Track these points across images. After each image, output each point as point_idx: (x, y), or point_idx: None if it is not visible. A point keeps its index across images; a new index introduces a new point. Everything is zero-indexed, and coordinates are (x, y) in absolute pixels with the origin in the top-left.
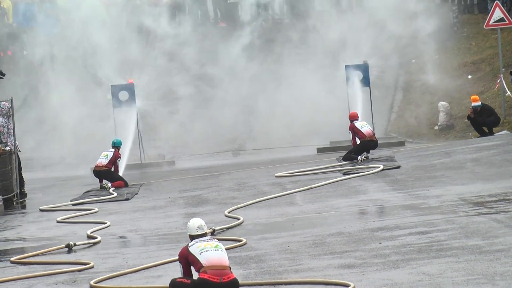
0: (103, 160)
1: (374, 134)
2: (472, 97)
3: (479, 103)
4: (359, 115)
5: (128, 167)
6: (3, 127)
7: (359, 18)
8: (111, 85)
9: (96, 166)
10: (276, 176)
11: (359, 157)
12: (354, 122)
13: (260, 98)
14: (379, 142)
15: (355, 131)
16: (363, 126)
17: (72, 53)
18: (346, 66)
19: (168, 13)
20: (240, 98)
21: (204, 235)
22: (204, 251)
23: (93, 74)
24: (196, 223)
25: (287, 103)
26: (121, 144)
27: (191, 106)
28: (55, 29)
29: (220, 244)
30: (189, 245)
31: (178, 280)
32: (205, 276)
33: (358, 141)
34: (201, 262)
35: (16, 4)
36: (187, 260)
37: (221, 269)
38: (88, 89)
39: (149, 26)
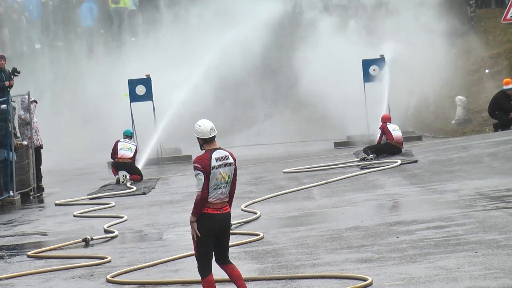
0: (127, 152)
1: (402, 142)
2: (505, 80)
3: (511, 86)
4: (390, 117)
5: (146, 161)
6: (24, 120)
7: (377, 12)
8: (128, 80)
9: (120, 158)
10: (284, 172)
11: (371, 155)
12: (387, 123)
13: (278, 90)
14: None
15: (385, 131)
16: (395, 129)
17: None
18: (363, 60)
19: None
20: (257, 91)
21: (214, 138)
22: (218, 187)
23: None
24: (209, 125)
25: (305, 96)
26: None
27: (207, 99)
28: None
29: (231, 176)
30: (212, 165)
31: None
32: (208, 211)
33: (383, 141)
34: (210, 196)
35: None
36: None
37: (222, 206)
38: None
39: None
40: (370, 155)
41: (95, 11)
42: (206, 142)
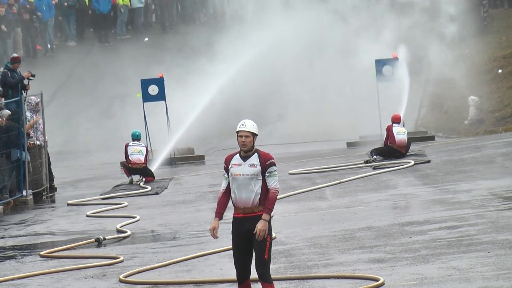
0: (140, 156)
1: (405, 146)
2: None
3: None
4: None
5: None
6: (30, 121)
7: (389, 12)
8: (141, 80)
9: (134, 163)
10: (289, 173)
11: (375, 156)
12: (393, 124)
13: (291, 91)
14: (408, 137)
15: (389, 133)
16: (399, 133)
17: None
18: (376, 60)
19: None
20: (271, 92)
21: None
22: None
23: None
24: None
25: (319, 96)
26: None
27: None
28: None
29: None
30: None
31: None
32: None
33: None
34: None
35: None
36: None
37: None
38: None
39: None
40: (374, 156)
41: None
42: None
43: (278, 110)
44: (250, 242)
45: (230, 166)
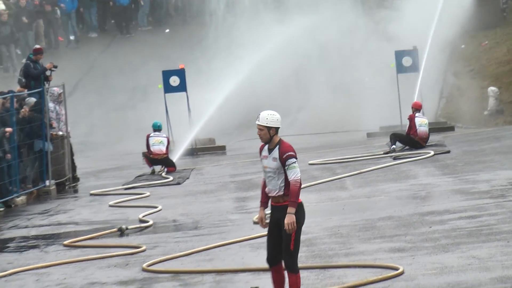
0: (160, 146)
1: (426, 138)
2: None
3: None
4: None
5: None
6: (52, 112)
7: (410, 4)
8: (163, 71)
9: (155, 154)
10: (309, 164)
11: (393, 146)
12: (416, 113)
13: (312, 81)
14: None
15: (411, 124)
16: (422, 124)
17: None
18: (396, 52)
19: None
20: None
21: None
22: None
23: None
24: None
25: (339, 87)
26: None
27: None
28: None
29: None
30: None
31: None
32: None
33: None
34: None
35: None
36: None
37: None
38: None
39: None
40: (393, 146)
41: None
42: (277, 132)
43: (299, 101)
44: (280, 230)
45: (261, 157)
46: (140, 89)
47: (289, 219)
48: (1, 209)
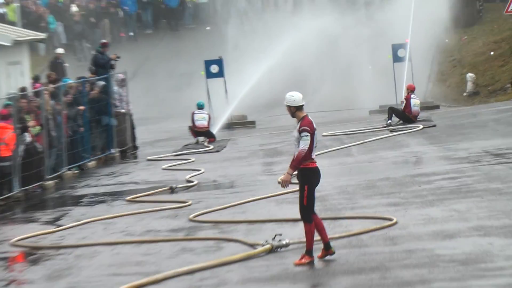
0: (203, 122)
1: (417, 116)
2: None
3: None
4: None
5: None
6: (116, 93)
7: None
8: (205, 60)
9: (199, 128)
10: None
11: (389, 121)
12: (411, 94)
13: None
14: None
15: (407, 103)
16: (415, 105)
17: None
18: (393, 45)
19: None
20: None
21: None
22: (315, 147)
23: None
24: (301, 95)
25: (347, 73)
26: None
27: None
28: None
29: None
30: (315, 128)
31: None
32: (314, 165)
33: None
34: (313, 154)
35: None
36: (313, 136)
37: None
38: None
39: None
40: (389, 121)
41: None
42: (299, 110)
43: (314, 84)
44: None
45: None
46: (187, 75)
47: (284, 177)
48: (76, 171)
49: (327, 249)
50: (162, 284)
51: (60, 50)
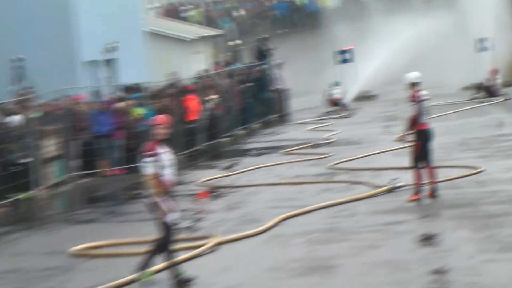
0: (339, 95)
1: (499, 91)
2: None
3: None
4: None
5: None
6: (274, 74)
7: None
8: (341, 50)
9: (336, 99)
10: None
11: (476, 95)
12: (495, 76)
13: (427, 56)
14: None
15: (494, 82)
16: (496, 84)
17: None
18: (475, 40)
19: None
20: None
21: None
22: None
23: None
24: (415, 74)
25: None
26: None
27: (387, 59)
28: None
29: None
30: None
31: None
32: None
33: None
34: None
35: None
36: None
37: None
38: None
39: None
40: (476, 95)
41: None
42: (415, 85)
43: (419, 69)
44: None
45: None
46: (324, 62)
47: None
48: (245, 131)
49: (433, 191)
50: (309, 215)
51: (237, 42)
